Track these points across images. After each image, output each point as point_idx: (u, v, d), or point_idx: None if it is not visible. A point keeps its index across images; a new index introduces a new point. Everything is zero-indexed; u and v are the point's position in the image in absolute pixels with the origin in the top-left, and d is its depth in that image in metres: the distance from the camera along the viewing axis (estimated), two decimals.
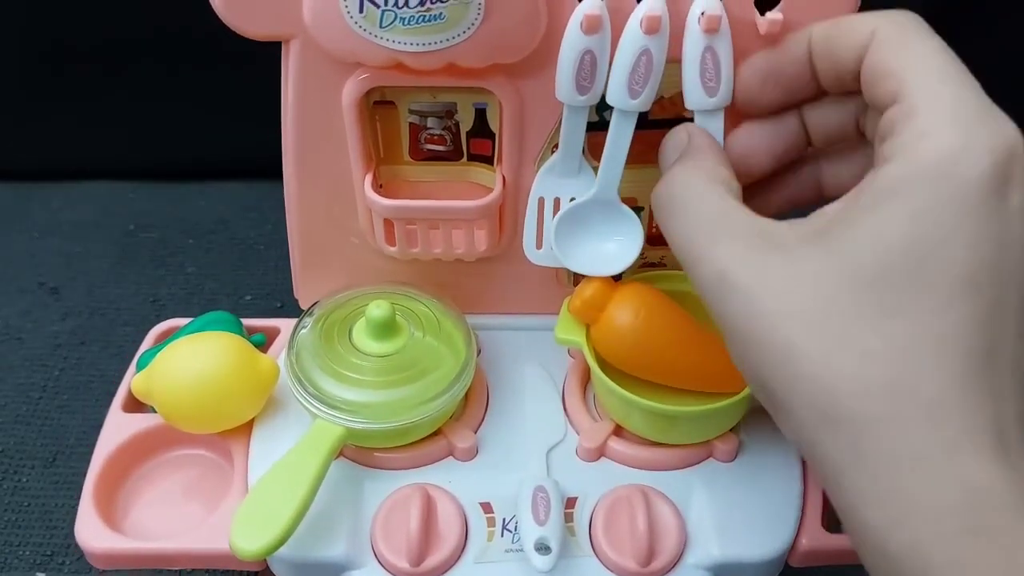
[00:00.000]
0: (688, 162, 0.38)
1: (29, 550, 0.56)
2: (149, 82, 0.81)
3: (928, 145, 0.30)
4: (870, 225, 0.30)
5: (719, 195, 0.36)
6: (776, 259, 0.32)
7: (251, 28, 0.42)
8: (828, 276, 0.30)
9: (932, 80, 0.32)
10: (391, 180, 0.48)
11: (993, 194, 0.29)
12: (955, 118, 0.30)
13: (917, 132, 0.31)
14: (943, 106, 0.31)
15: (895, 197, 0.30)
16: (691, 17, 0.40)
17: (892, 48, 0.33)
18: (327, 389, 0.44)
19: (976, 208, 0.29)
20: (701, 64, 0.41)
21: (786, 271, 0.31)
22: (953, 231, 0.29)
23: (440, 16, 0.40)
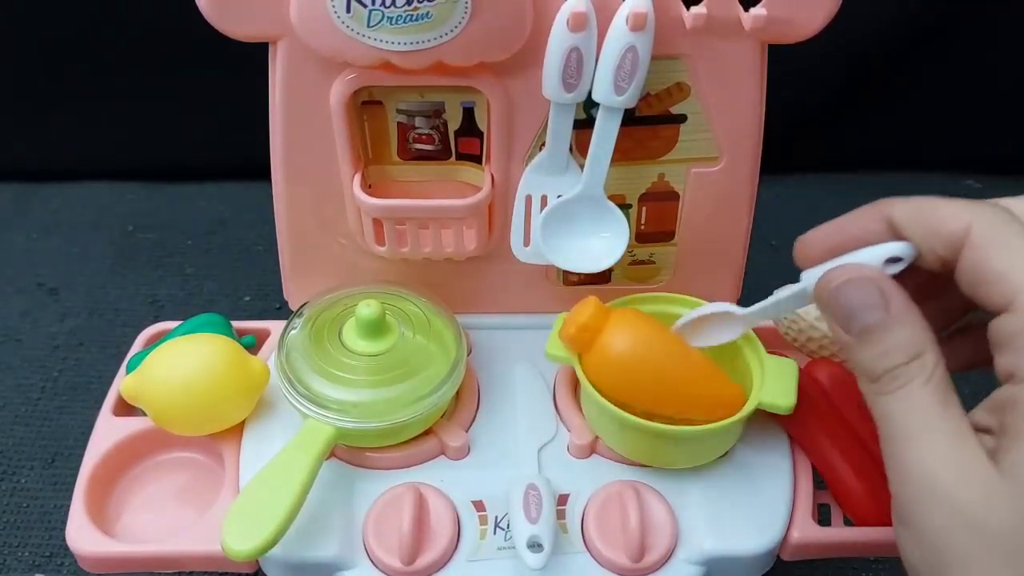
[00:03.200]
0: (916, 377, 0.34)
1: (28, 551, 0.57)
2: (148, 83, 0.81)
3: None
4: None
5: (958, 423, 0.33)
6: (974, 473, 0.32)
7: (237, 29, 0.42)
8: (1016, 501, 0.30)
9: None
10: (380, 180, 0.49)
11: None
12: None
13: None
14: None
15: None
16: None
17: (996, 249, 0.33)
18: (317, 389, 0.44)
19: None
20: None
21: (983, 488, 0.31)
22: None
23: (427, 15, 0.40)
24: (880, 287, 0.35)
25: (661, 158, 0.47)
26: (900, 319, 0.34)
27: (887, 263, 0.35)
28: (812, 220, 0.87)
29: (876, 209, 0.37)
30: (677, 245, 0.51)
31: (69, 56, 0.80)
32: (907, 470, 0.32)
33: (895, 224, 0.36)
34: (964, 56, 0.82)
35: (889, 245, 0.35)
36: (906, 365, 0.33)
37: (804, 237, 0.39)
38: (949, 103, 0.84)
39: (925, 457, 0.32)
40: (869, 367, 0.34)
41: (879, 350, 0.34)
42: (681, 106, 0.45)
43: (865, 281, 0.35)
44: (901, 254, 0.35)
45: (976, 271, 0.33)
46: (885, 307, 0.34)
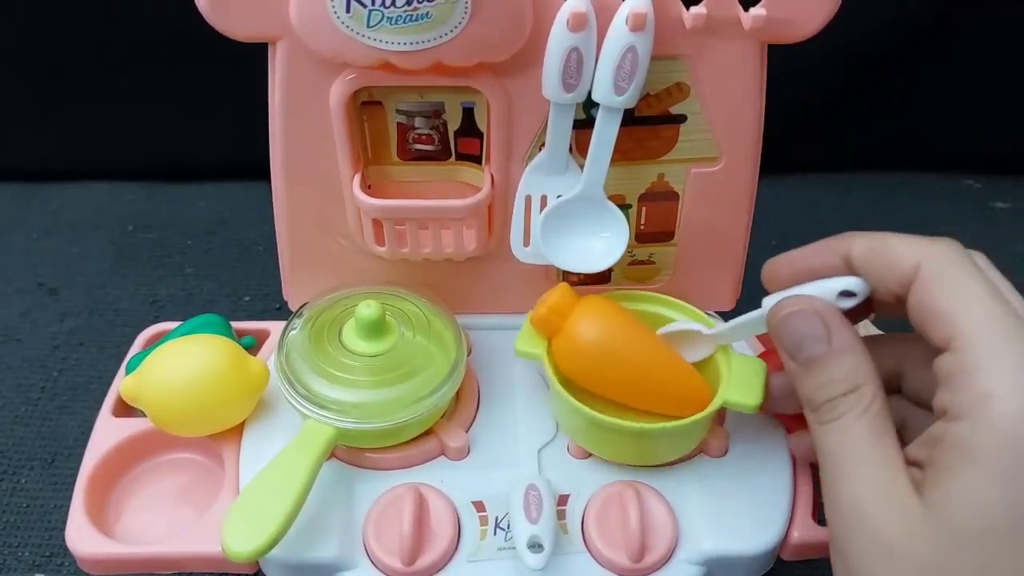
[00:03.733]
0: (852, 409, 0.35)
1: (28, 551, 0.57)
2: (148, 83, 0.81)
3: (996, 409, 0.31)
4: (960, 488, 0.31)
5: (889, 457, 0.34)
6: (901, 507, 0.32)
7: (237, 30, 0.42)
8: (937, 536, 0.31)
9: (986, 331, 0.32)
10: (379, 180, 0.49)
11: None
12: (1017, 378, 0.31)
13: (981, 392, 0.31)
14: (1003, 364, 0.31)
15: (975, 462, 0.31)
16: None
17: (940, 288, 0.34)
18: (317, 389, 0.44)
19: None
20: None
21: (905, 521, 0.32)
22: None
23: (427, 15, 0.40)
24: (825, 320, 0.36)
25: (661, 158, 0.47)
26: (841, 352, 0.35)
27: (841, 296, 0.37)
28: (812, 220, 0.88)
29: (836, 243, 0.38)
30: (677, 245, 0.51)
31: (69, 56, 0.80)
32: (837, 500, 0.34)
33: (851, 260, 0.37)
34: (964, 56, 0.81)
35: (842, 280, 0.37)
36: (844, 397, 0.35)
37: (771, 261, 0.41)
38: (949, 103, 0.84)
39: (854, 488, 0.33)
40: (811, 396, 0.36)
41: (820, 380, 0.35)
42: (681, 106, 0.45)
43: (811, 313, 0.36)
44: (854, 289, 0.36)
45: (922, 309, 0.34)
46: (828, 339, 0.36)
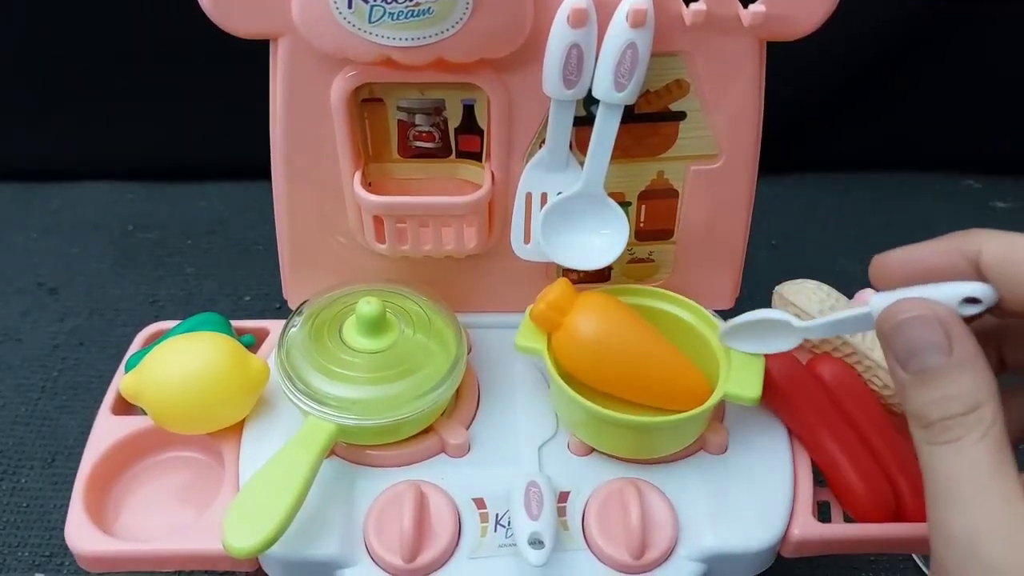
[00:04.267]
0: (971, 431, 0.32)
1: (28, 551, 0.57)
2: (148, 83, 0.81)
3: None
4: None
5: (1010, 489, 0.31)
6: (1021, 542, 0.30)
7: (239, 27, 0.42)
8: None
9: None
10: (380, 178, 0.49)
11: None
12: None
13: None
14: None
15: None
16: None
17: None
18: (318, 386, 0.44)
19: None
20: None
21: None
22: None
23: (428, 11, 0.40)
24: (947, 328, 0.32)
25: (660, 155, 0.47)
26: (962, 366, 0.32)
27: (964, 303, 0.33)
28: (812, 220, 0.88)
29: (963, 242, 0.34)
30: (676, 243, 0.51)
31: (69, 56, 0.80)
32: (951, 533, 0.31)
33: (982, 263, 0.33)
34: (964, 56, 0.82)
35: (970, 285, 0.33)
36: (963, 417, 0.31)
37: (881, 257, 0.36)
38: (949, 103, 0.84)
39: (972, 523, 0.30)
40: (922, 412, 0.32)
41: (936, 396, 0.32)
42: (680, 103, 0.46)
43: (932, 320, 0.33)
44: (980, 296, 0.33)
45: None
46: (948, 351, 0.32)
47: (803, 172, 0.88)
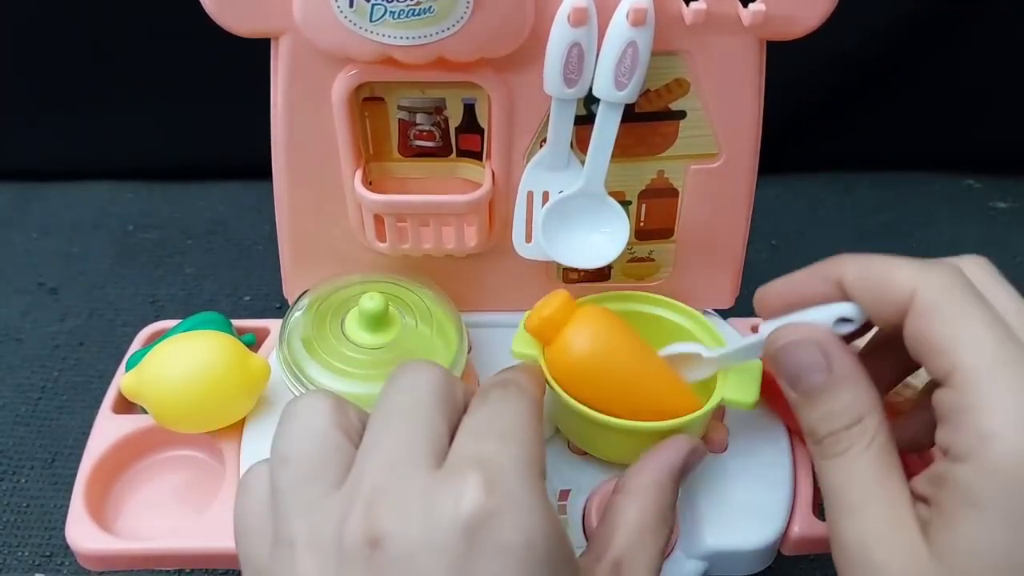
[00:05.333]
0: (856, 443, 0.34)
1: (28, 551, 0.57)
2: (148, 82, 0.81)
3: (996, 451, 0.29)
4: (965, 534, 0.30)
5: (895, 495, 0.33)
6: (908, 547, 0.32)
7: (241, 25, 0.42)
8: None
9: (986, 367, 0.31)
10: (380, 177, 0.49)
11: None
12: (1018, 418, 0.30)
13: (982, 432, 0.30)
14: (1004, 403, 0.30)
15: (978, 508, 0.30)
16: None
17: (938, 320, 0.32)
18: (320, 380, 0.44)
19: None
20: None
21: (913, 565, 0.31)
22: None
23: (430, 10, 0.40)
24: (824, 349, 0.35)
25: (660, 155, 0.47)
26: (842, 381, 0.34)
27: (838, 323, 0.36)
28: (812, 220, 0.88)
29: (827, 268, 0.37)
30: (676, 242, 0.51)
31: (69, 56, 0.80)
32: (842, 539, 0.33)
33: (845, 286, 0.36)
34: (964, 56, 0.82)
35: (838, 306, 0.36)
36: (847, 430, 0.34)
37: (761, 290, 0.40)
38: (949, 103, 0.84)
39: (859, 530, 0.32)
40: (812, 428, 0.35)
41: (821, 412, 0.34)
42: (680, 102, 0.46)
43: (809, 343, 0.35)
44: (850, 315, 0.35)
45: (919, 340, 0.33)
46: (828, 369, 0.35)
47: (803, 172, 0.88)
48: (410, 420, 0.33)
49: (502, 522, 0.29)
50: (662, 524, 0.38)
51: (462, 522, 0.29)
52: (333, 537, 0.30)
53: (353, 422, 0.34)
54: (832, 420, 0.34)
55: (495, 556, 0.29)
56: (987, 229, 0.84)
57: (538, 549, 0.30)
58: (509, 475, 0.31)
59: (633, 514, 0.37)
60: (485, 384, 0.37)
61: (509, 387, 0.36)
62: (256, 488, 0.34)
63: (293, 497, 0.32)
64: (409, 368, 0.36)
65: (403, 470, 0.31)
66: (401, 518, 0.29)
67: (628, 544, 0.36)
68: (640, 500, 0.38)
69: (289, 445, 0.33)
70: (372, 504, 0.30)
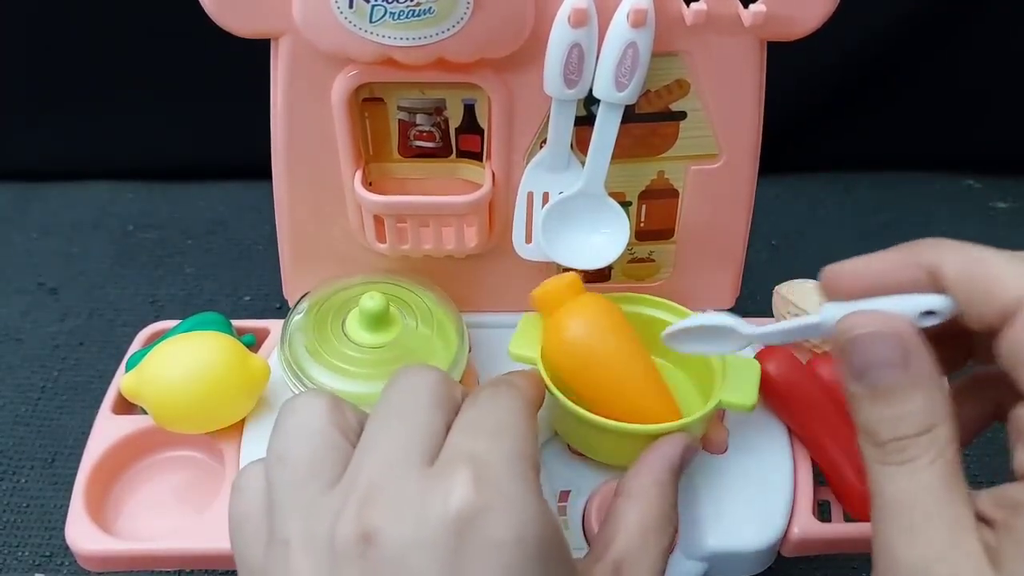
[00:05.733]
0: (925, 453, 0.31)
1: (28, 551, 0.57)
2: (148, 83, 0.81)
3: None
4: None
5: (961, 516, 0.30)
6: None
7: (241, 26, 0.43)
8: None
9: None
10: (380, 177, 0.49)
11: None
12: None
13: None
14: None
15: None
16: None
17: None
18: (322, 380, 0.44)
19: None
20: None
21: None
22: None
23: (430, 11, 0.40)
24: (905, 344, 0.31)
25: (661, 155, 0.47)
26: (918, 384, 0.31)
27: (922, 316, 0.32)
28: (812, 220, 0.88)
29: (921, 254, 0.33)
30: (676, 243, 0.51)
31: (69, 56, 0.80)
32: (898, 557, 0.30)
33: (941, 277, 0.32)
34: (964, 56, 0.82)
35: (929, 298, 0.32)
36: (916, 437, 0.30)
37: (835, 268, 0.35)
38: (949, 103, 0.84)
39: (919, 551, 0.29)
40: (875, 429, 0.31)
41: (889, 414, 0.31)
42: (681, 103, 0.46)
43: (890, 335, 0.32)
44: (939, 309, 0.32)
45: (1013, 351, 0.30)
46: (905, 367, 0.31)
47: (803, 172, 0.88)
48: (407, 421, 0.33)
49: (492, 518, 0.29)
50: (666, 524, 0.37)
51: (451, 519, 0.29)
52: (327, 535, 0.30)
53: (350, 422, 0.34)
54: (900, 424, 0.31)
55: (486, 552, 0.29)
56: (987, 229, 0.84)
57: (529, 545, 0.30)
58: (499, 471, 0.31)
59: (635, 516, 0.37)
60: (479, 386, 0.37)
61: (500, 386, 0.36)
62: (251, 488, 0.34)
63: (289, 496, 0.32)
64: (408, 371, 0.36)
65: (398, 469, 0.31)
66: (393, 515, 0.29)
67: (630, 546, 0.36)
68: (641, 502, 0.38)
69: (286, 444, 0.33)
70: (365, 502, 0.30)
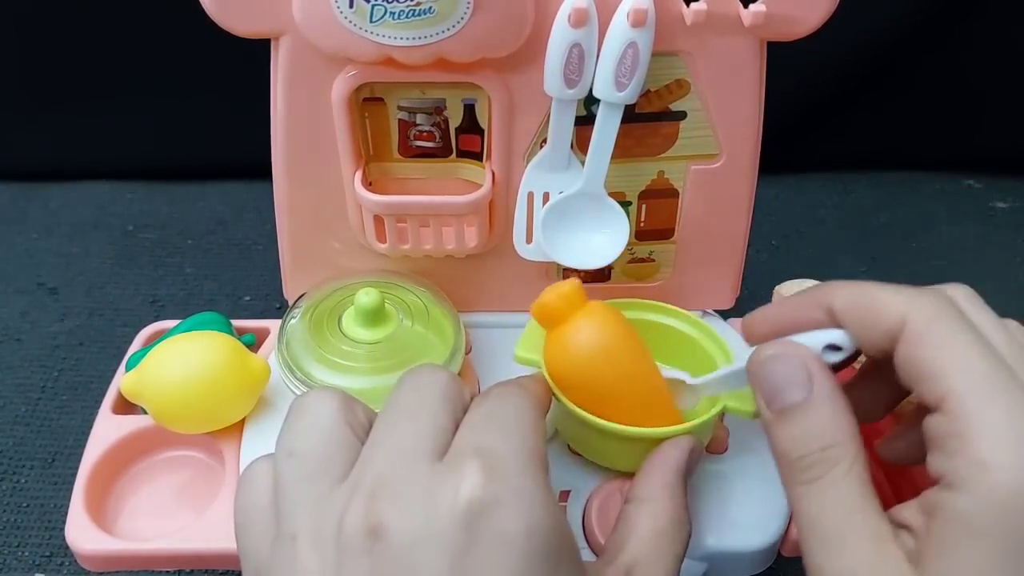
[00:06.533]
0: (832, 469, 0.32)
1: (28, 551, 0.56)
2: (148, 83, 0.81)
3: (993, 479, 0.28)
4: (961, 563, 0.29)
5: (876, 524, 0.31)
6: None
7: (241, 26, 0.43)
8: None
9: (978, 394, 0.30)
10: (380, 177, 0.49)
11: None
12: (1014, 446, 0.29)
13: (976, 460, 0.29)
14: (998, 430, 0.29)
15: (975, 537, 0.29)
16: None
17: (928, 346, 0.31)
18: (318, 376, 0.44)
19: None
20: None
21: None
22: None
23: (430, 10, 0.40)
24: (807, 366, 0.34)
25: (661, 155, 0.47)
26: (823, 402, 0.33)
27: (827, 351, 0.35)
28: (812, 220, 0.88)
29: (818, 295, 0.36)
30: (676, 243, 0.51)
31: (68, 56, 0.80)
32: (824, 573, 0.31)
33: (835, 312, 0.35)
34: (964, 56, 0.82)
35: (826, 332, 0.35)
36: (823, 452, 0.32)
37: (749, 317, 0.39)
38: (949, 103, 0.84)
39: (845, 563, 0.31)
40: (786, 449, 0.33)
41: (797, 431, 0.33)
42: (681, 103, 0.46)
43: (791, 358, 0.34)
44: (839, 343, 0.34)
45: (910, 367, 0.32)
46: (808, 387, 0.33)
47: (803, 172, 0.88)
48: (416, 418, 0.33)
49: (502, 511, 0.29)
50: (678, 529, 0.37)
51: (461, 511, 0.29)
52: (334, 529, 0.30)
53: (360, 419, 0.34)
54: (808, 441, 0.32)
55: (495, 545, 0.29)
56: (987, 229, 0.84)
57: (539, 539, 0.30)
58: (510, 465, 0.31)
59: (647, 521, 0.37)
60: (488, 388, 0.37)
61: (510, 387, 0.36)
62: (258, 483, 0.34)
63: (297, 491, 0.32)
64: (417, 371, 0.36)
65: (407, 463, 0.31)
66: (401, 509, 0.29)
67: (642, 550, 0.36)
68: (653, 506, 0.38)
69: (296, 439, 0.33)
70: (373, 496, 0.30)
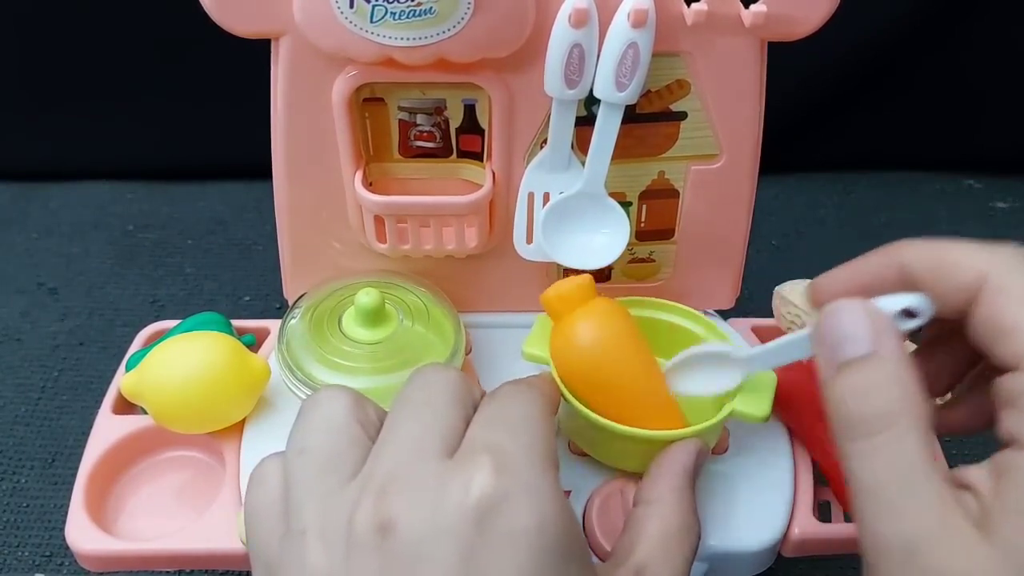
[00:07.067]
0: (894, 426, 0.30)
1: (28, 551, 0.57)
2: (148, 83, 0.81)
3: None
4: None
5: (941, 487, 0.29)
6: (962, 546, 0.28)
7: (241, 26, 0.42)
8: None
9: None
10: (381, 177, 0.49)
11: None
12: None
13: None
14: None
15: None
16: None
17: (1009, 300, 0.30)
18: (318, 376, 0.44)
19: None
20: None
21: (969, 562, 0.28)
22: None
23: (430, 11, 0.40)
24: (875, 322, 0.32)
25: (661, 155, 0.47)
26: (887, 360, 0.31)
27: (902, 317, 0.32)
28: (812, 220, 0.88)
29: (889, 254, 0.34)
30: (677, 243, 0.51)
31: (68, 56, 0.80)
32: (880, 536, 0.29)
33: (908, 271, 0.33)
34: (964, 56, 0.82)
35: (904, 296, 0.32)
36: (887, 411, 0.30)
37: (816, 282, 0.36)
38: (949, 103, 0.84)
39: (907, 529, 0.29)
40: (846, 407, 0.31)
41: (859, 387, 0.31)
42: (681, 103, 0.46)
43: (858, 311, 0.32)
44: (915, 307, 0.32)
45: (988, 324, 0.30)
46: (874, 341, 0.31)
47: (803, 172, 0.88)
48: (426, 415, 0.33)
49: (512, 506, 0.29)
50: (687, 532, 0.37)
51: (471, 506, 0.29)
52: (344, 526, 0.30)
53: (371, 417, 0.34)
54: (871, 398, 0.30)
55: (505, 541, 0.29)
56: (987, 229, 0.84)
57: (548, 535, 0.29)
58: (520, 461, 0.31)
59: (656, 523, 0.37)
60: (497, 386, 0.37)
61: (519, 385, 0.36)
62: (268, 481, 0.34)
63: (307, 488, 0.32)
64: (426, 370, 0.36)
65: (417, 460, 0.31)
66: (411, 504, 0.29)
67: (652, 553, 0.36)
68: (662, 508, 0.37)
69: (307, 437, 0.33)
70: (383, 492, 0.30)
